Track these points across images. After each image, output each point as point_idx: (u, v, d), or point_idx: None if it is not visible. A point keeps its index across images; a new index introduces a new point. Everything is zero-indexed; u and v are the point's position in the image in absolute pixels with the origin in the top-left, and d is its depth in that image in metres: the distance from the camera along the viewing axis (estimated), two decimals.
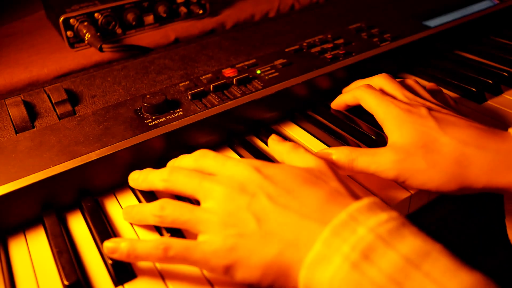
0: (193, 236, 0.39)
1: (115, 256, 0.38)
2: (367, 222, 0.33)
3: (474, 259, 0.48)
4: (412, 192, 0.46)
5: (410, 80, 0.54)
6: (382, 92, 0.51)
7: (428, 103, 0.49)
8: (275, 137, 0.48)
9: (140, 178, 0.45)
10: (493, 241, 0.49)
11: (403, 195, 0.46)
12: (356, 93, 0.53)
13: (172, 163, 0.47)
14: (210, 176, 0.40)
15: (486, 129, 0.44)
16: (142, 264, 0.40)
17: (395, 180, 0.44)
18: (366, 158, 0.44)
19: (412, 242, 0.32)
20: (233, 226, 0.36)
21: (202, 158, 0.43)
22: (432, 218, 0.51)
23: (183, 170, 0.42)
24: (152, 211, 0.40)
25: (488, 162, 0.41)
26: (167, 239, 0.38)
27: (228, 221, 0.37)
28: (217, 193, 0.38)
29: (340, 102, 0.57)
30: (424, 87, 0.54)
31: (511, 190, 0.41)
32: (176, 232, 0.42)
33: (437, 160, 0.42)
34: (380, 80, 0.54)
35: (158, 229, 0.44)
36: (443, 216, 0.51)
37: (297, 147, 0.44)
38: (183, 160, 0.44)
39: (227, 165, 0.41)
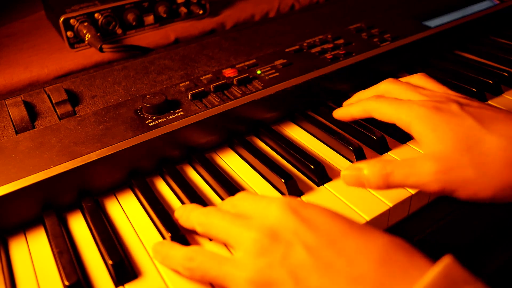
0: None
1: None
2: None
3: (476, 260, 0.47)
4: (413, 192, 0.46)
5: (418, 76, 0.49)
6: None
7: (452, 96, 0.43)
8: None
9: (183, 217, 0.42)
10: (495, 241, 0.49)
11: (403, 195, 0.46)
12: (366, 105, 0.46)
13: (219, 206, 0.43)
14: (241, 220, 0.36)
15: None
16: (143, 264, 0.40)
17: (439, 193, 0.38)
18: (403, 171, 0.38)
19: None
20: None
21: (239, 200, 0.39)
22: (432, 219, 0.50)
23: (218, 214, 0.38)
24: (182, 261, 0.36)
25: None
26: None
27: (258, 280, 0.31)
28: (247, 241, 0.33)
29: (345, 114, 0.50)
30: (435, 80, 0.48)
31: None
32: (181, 238, 0.42)
33: (487, 166, 0.36)
34: (387, 86, 0.47)
35: (161, 234, 0.44)
36: (442, 216, 0.50)
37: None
38: (223, 204, 0.41)
39: (260, 204, 0.36)
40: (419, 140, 0.41)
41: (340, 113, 0.51)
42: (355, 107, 0.48)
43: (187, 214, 0.41)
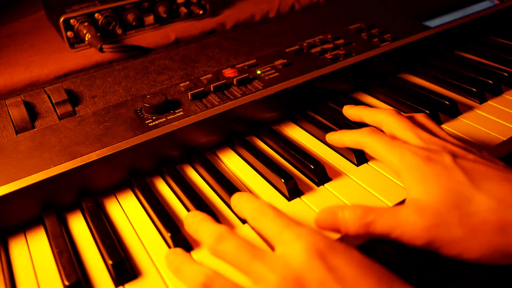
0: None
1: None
2: None
3: (462, 274, 0.47)
4: None
5: (421, 116, 0.47)
6: (391, 135, 0.44)
7: (448, 146, 0.41)
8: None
9: (191, 228, 0.40)
10: None
11: (404, 197, 0.46)
12: (359, 139, 0.45)
13: (235, 200, 0.41)
14: (261, 255, 0.34)
15: None
16: (143, 264, 0.40)
17: (424, 248, 0.36)
18: (387, 221, 0.37)
19: None
20: None
21: (261, 216, 0.37)
22: None
23: (232, 241, 0.36)
24: (195, 286, 0.35)
25: None
26: None
27: None
28: (270, 283, 0.32)
29: (338, 141, 0.49)
30: (437, 124, 0.46)
31: None
32: (181, 238, 0.42)
33: (475, 227, 0.35)
34: (387, 117, 0.46)
35: (161, 234, 0.44)
36: None
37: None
38: (241, 209, 0.40)
39: (285, 238, 0.34)
40: (406, 189, 0.39)
41: (334, 138, 0.50)
42: (348, 136, 0.47)
43: (195, 226, 0.40)
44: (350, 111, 0.52)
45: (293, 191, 0.46)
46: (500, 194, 0.36)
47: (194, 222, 0.40)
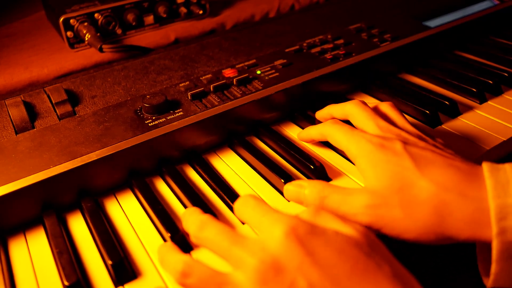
0: None
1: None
2: None
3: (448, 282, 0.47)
4: None
5: (386, 105, 0.49)
6: (352, 124, 0.47)
7: (403, 134, 0.44)
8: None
9: (183, 220, 0.40)
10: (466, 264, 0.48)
11: None
12: (322, 130, 0.48)
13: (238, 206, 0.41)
14: (241, 241, 0.35)
15: (466, 171, 0.39)
16: (142, 265, 0.40)
17: (368, 227, 0.39)
18: (338, 197, 0.40)
19: None
20: None
21: (243, 207, 0.39)
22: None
23: (213, 228, 0.37)
24: (177, 275, 0.35)
25: (471, 212, 0.36)
26: None
27: None
28: (248, 267, 0.33)
29: (306, 137, 0.53)
30: (402, 113, 0.49)
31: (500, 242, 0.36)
32: (181, 238, 0.42)
33: (414, 209, 0.37)
34: (352, 108, 0.48)
35: (161, 234, 0.44)
36: None
37: (319, 212, 0.37)
38: (234, 206, 0.40)
39: (265, 220, 0.35)
40: (361, 174, 0.42)
41: (303, 136, 0.54)
42: (314, 130, 0.51)
43: (186, 218, 0.40)
44: (321, 113, 0.54)
45: None
46: (440, 179, 0.38)
47: (185, 215, 0.41)
